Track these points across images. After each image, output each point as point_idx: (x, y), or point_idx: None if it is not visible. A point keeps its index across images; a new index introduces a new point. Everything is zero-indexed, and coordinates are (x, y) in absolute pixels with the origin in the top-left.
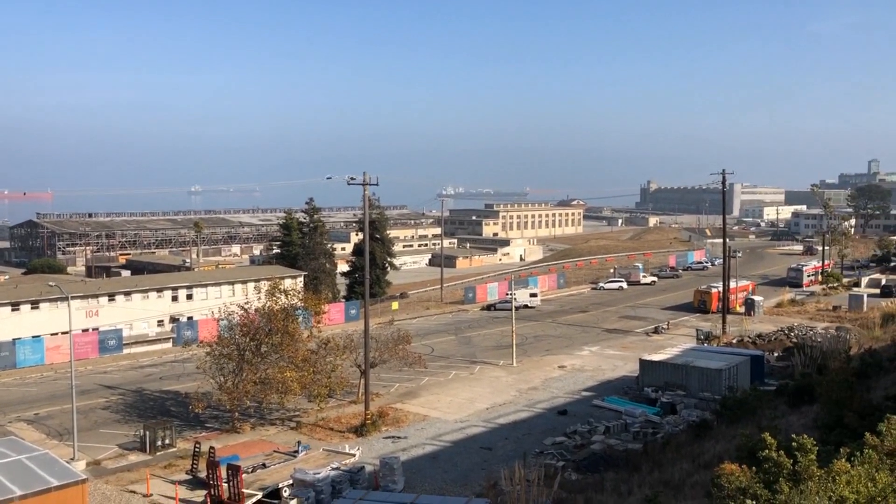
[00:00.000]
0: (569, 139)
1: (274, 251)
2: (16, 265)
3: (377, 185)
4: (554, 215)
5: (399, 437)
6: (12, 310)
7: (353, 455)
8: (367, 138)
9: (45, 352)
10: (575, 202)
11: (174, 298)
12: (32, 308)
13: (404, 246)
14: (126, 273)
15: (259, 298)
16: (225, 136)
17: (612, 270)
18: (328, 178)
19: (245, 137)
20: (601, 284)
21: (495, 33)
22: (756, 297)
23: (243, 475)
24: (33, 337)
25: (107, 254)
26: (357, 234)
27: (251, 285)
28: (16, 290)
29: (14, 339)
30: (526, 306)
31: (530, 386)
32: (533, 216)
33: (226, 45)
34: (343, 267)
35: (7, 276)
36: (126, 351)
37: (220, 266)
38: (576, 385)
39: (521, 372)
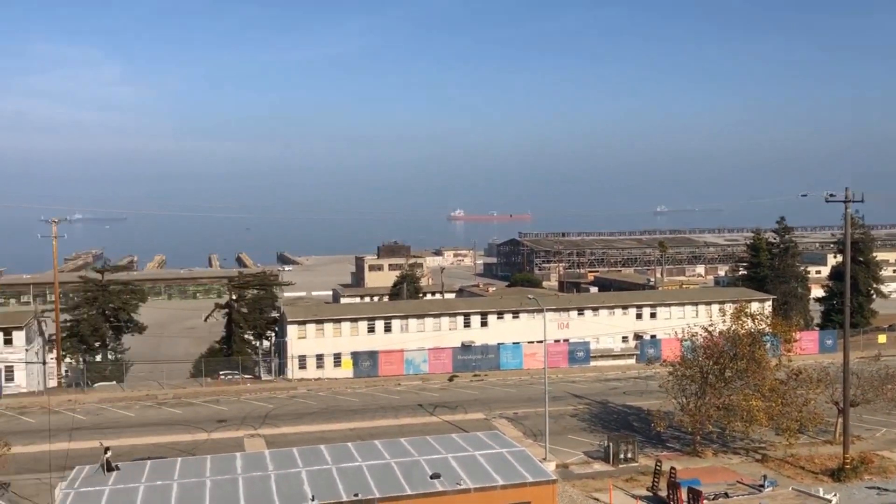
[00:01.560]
0: None
1: (740, 272)
2: (500, 278)
3: (862, 201)
4: None
5: (887, 490)
6: (497, 318)
7: (829, 501)
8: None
9: (523, 357)
10: None
11: (638, 316)
12: (513, 317)
13: (895, 271)
14: (594, 289)
15: (723, 321)
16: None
17: None
18: (803, 196)
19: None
20: None
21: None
22: None
23: (704, 501)
24: (513, 343)
25: (577, 270)
26: (835, 257)
27: (715, 307)
28: (500, 301)
29: (498, 344)
30: None
31: None
32: None
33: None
34: (817, 292)
35: (494, 288)
36: (592, 363)
37: (684, 286)
38: None
39: None
